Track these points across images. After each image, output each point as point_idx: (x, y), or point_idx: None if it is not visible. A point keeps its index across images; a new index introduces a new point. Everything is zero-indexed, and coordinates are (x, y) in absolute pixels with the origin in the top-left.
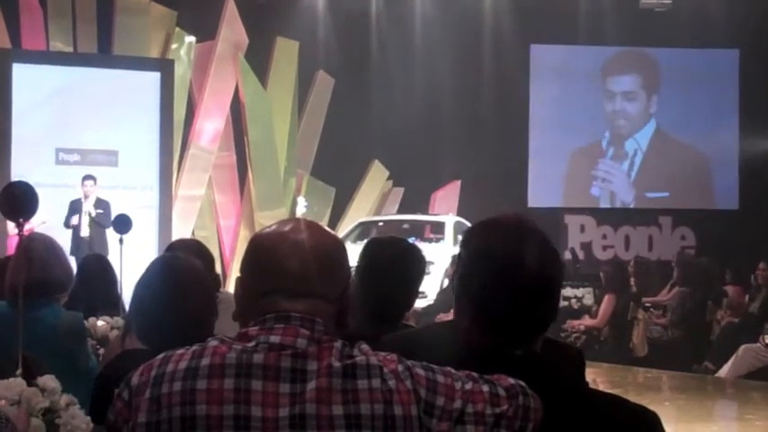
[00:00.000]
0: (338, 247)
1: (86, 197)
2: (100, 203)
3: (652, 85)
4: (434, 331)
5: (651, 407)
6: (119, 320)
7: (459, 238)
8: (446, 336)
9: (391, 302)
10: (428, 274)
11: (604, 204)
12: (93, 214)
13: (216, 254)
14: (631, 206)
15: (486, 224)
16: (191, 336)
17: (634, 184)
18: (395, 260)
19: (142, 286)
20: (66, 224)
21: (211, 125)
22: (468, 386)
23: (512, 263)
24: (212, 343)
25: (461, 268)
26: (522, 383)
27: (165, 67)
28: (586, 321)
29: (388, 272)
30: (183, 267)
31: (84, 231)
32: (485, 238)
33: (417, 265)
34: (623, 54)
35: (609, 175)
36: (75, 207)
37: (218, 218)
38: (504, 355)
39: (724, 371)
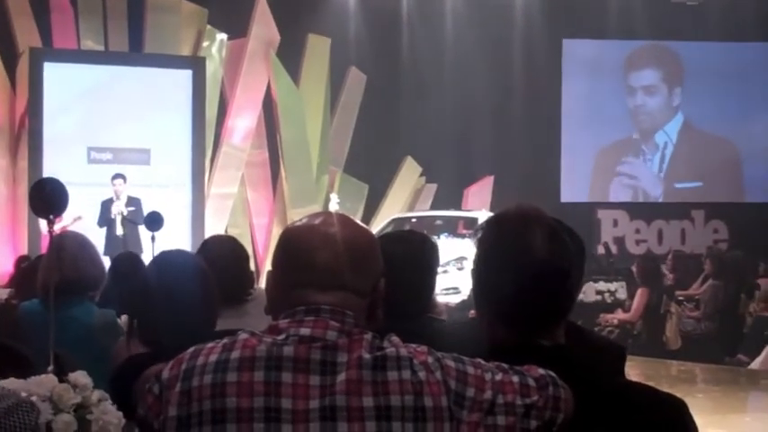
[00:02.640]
0: (369, 241)
1: (117, 196)
2: (131, 201)
3: (674, 79)
4: (464, 325)
5: (685, 399)
6: None
7: None
8: (476, 329)
9: (404, 296)
10: (461, 269)
11: (635, 199)
12: (126, 213)
13: (249, 251)
14: (660, 200)
15: (495, 219)
16: (191, 332)
17: (665, 177)
18: (405, 254)
19: (137, 288)
20: (101, 224)
21: (243, 123)
22: (498, 377)
23: (519, 254)
24: (242, 336)
25: (475, 265)
26: (552, 374)
27: (196, 64)
28: (620, 315)
29: (398, 266)
30: (174, 264)
31: (119, 230)
32: (493, 233)
33: (426, 258)
34: (644, 48)
35: (636, 169)
36: (106, 207)
37: (250, 215)
38: (531, 348)
39: (757, 363)
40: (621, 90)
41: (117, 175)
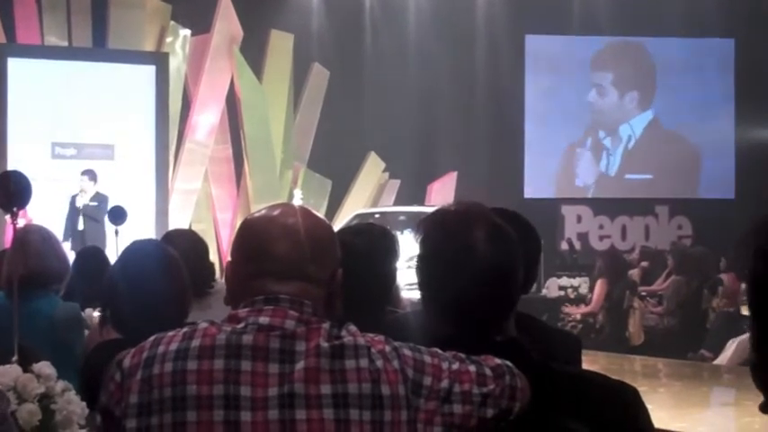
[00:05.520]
0: (328, 231)
1: (82, 192)
2: (96, 197)
3: (645, 75)
4: (420, 315)
5: (647, 394)
6: None
7: None
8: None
9: (362, 287)
10: None
11: (593, 192)
12: (82, 208)
13: (212, 247)
14: (618, 195)
15: (435, 216)
16: (165, 324)
17: (623, 171)
18: (364, 246)
19: (115, 275)
20: (68, 223)
21: (207, 118)
22: (455, 366)
23: (459, 251)
24: (202, 325)
25: (417, 264)
26: (509, 363)
27: (159, 60)
28: (581, 309)
29: (357, 258)
30: (154, 254)
31: (80, 225)
32: (433, 230)
33: (385, 249)
34: (614, 45)
35: (595, 163)
36: (72, 201)
37: (214, 211)
38: (485, 344)
39: (723, 360)
40: (585, 86)
41: (84, 172)
